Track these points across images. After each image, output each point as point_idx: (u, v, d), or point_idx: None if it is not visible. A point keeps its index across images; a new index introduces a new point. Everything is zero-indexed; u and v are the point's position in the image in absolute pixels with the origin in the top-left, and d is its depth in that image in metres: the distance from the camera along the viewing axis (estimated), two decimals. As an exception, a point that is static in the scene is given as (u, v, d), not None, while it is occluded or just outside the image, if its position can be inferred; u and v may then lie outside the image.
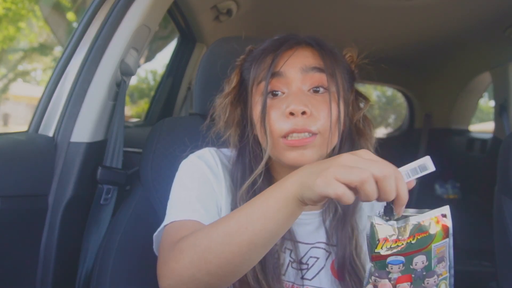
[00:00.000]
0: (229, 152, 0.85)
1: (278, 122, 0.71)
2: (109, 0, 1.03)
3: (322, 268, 0.79)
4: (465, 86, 2.54)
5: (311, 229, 0.81)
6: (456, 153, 2.68)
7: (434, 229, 0.55)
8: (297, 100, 0.70)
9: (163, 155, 0.98)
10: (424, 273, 0.56)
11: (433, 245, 0.55)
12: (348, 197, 0.50)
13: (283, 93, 0.73)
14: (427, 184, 2.85)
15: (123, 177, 1.08)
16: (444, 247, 0.57)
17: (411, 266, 0.55)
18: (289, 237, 0.77)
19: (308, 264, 0.78)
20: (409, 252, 0.54)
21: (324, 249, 0.80)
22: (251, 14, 1.84)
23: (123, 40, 1.03)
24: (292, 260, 0.78)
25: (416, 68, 2.66)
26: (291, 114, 0.69)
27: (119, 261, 0.90)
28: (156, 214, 0.93)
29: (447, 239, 0.57)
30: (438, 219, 0.56)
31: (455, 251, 0.58)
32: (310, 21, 1.89)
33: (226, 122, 0.82)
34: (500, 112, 2.12)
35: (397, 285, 0.55)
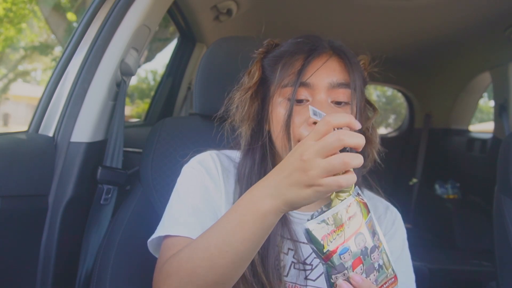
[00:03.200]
0: (232, 153, 0.85)
1: (300, 128, 0.73)
2: (109, 0, 1.03)
3: None
4: (465, 86, 2.54)
5: None
6: (456, 153, 2.68)
7: (359, 209, 0.59)
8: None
9: (163, 155, 0.98)
10: (368, 250, 0.59)
11: (364, 222, 0.59)
12: (348, 179, 0.52)
13: (307, 100, 0.74)
14: (427, 184, 2.86)
15: (123, 177, 1.08)
16: (371, 222, 0.60)
17: (356, 249, 0.58)
18: (291, 238, 0.77)
19: (312, 265, 0.78)
20: (349, 237, 0.57)
21: None
22: (251, 14, 1.84)
23: (123, 40, 1.03)
24: (295, 261, 0.77)
25: (416, 68, 2.66)
26: (315, 123, 0.70)
27: (119, 261, 0.90)
28: (156, 214, 0.93)
29: (370, 214, 0.61)
30: (357, 199, 0.59)
31: (456, 251, 0.59)
32: (310, 21, 1.90)
33: (242, 116, 0.81)
34: (500, 112, 2.12)
35: (354, 271, 0.58)
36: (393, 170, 3.02)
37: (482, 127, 3.63)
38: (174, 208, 0.77)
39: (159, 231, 0.73)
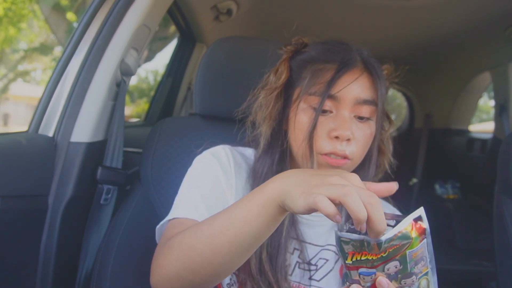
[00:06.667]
0: (246, 151, 0.85)
1: (322, 139, 0.72)
2: (109, 0, 1.03)
3: (331, 270, 0.79)
4: (465, 86, 2.54)
5: (322, 231, 0.81)
6: (456, 153, 2.68)
7: (408, 238, 0.52)
8: (346, 126, 0.71)
9: (163, 155, 0.98)
10: (399, 275, 0.53)
11: (407, 251, 0.52)
12: (326, 205, 0.48)
13: (331, 111, 0.74)
14: (427, 184, 2.86)
15: (123, 177, 1.08)
16: (421, 249, 0.54)
17: (383, 273, 0.53)
18: (298, 238, 0.78)
19: (317, 266, 0.78)
20: (380, 263, 0.52)
21: (334, 251, 0.80)
22: (251, 14, 1.85)
23: (123, 40, 1.03)
24: (300, 261, 0.78)
25: (416, 68, 2.65)
26: (336, 137, 0.71)
27: (119, 261, 0.90)
28: (156, 214, 0.93)
29: (424, 241, 0.54)
30: (412, 226, 0.53)
31: (456, 251, 0.57)
32: (310, 21, 1.90)
33: (264, 115, 0.80)
34: (500, 112, 2.13)
35: None
36: (393, 170, 3.03)
37: (482, 127, 3.63)
38: (183, 194, 0.78)
39: (171, 215, 0.74)
